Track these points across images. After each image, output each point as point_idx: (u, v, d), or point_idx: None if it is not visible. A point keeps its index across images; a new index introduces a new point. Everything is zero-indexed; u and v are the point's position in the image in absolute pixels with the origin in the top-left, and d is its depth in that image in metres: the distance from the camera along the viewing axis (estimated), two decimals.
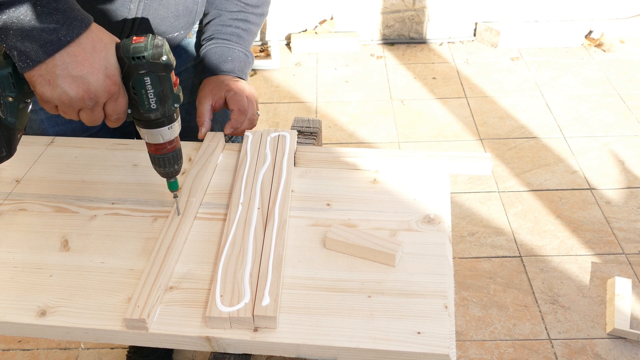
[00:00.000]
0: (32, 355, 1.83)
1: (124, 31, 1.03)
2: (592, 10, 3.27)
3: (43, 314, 0.81)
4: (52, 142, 1.14)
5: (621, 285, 1.93)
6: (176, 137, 0.87)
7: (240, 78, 1.18)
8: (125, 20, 1.01)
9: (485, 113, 2.82)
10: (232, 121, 1.11)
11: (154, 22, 1.06)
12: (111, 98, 0.80)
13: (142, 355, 1.74)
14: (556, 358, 1.78)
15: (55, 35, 0.75)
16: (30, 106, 0.84)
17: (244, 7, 1.21)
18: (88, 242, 0.93)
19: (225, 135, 1.13)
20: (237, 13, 1.20)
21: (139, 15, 1.03)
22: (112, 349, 1.84)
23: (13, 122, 0.80)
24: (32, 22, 0.74)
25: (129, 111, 0.83)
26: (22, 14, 0.73)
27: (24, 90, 0.79)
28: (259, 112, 1.14)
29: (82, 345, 1.85)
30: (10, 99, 0.78)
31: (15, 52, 0.75)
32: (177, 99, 0.83)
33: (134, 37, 0.79)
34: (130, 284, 0.85)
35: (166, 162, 0.88)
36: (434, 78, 3.09)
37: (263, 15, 1.25)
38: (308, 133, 1.15)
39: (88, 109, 0.80)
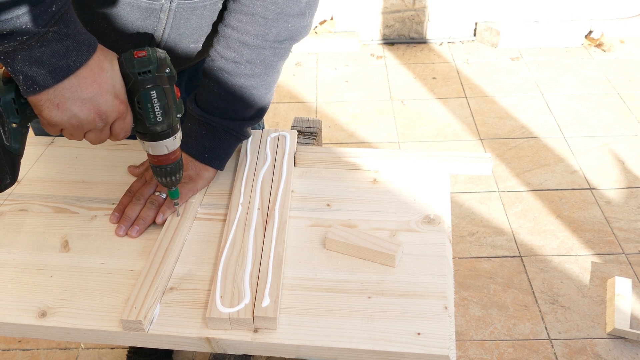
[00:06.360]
0: (32, 355, 1.83)
1: (152, 43, 0.98)
2: (592, 10, 3.27)
3: (43, 314, 0.81)
4: (52, 142, 1.14)
5: (621, 285, 1.93)
6: (178, 147, 0.87)
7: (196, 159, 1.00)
8: (155, 30, 0.95)
9: (485, 113, 2.81)
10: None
11: (185, 33, 0.98)
12: (120, 117, 0.79)
13: (142, 356, 1.74)
14: (556, 358, 1.78)
15: (64, 60, 0.71)
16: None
17: (237, 61, 0.97)
18: (88, 243, 0.93)
19: None
20: (225, 64, 0.98)
21: (169, 25, 0.96)
22: (112, 349, 1.84)
23: (17, 148, 0.78)
24: (42, 47, 0.70)
25: (133, 125, 0.82)
26: (33, 40, 0.69)
27: (26, 114, 0.76)
28: (179, 214, 0.95)
29: (82, 345, 1.85)
30: (14, 125, 0.76)
31: (20, 77, 0.71)
32: (180, 109, 0.83)
33: (134, 51, 0.77)
34: (130, 284, 0.85)
35: (168, 172, 0.88)
36: (434, 78, 3.09)
37: (253, 76, 0.98)
38: (308, 133, 1.15)
39: (97, 130, 0.79)
